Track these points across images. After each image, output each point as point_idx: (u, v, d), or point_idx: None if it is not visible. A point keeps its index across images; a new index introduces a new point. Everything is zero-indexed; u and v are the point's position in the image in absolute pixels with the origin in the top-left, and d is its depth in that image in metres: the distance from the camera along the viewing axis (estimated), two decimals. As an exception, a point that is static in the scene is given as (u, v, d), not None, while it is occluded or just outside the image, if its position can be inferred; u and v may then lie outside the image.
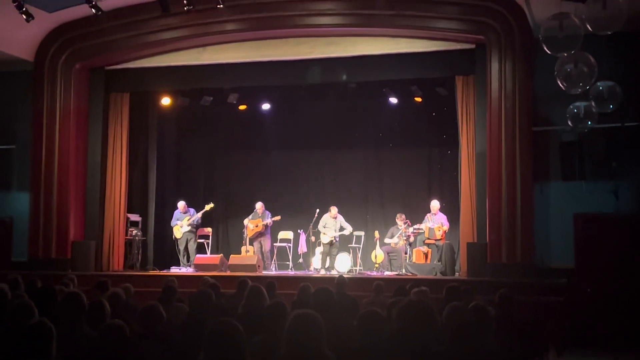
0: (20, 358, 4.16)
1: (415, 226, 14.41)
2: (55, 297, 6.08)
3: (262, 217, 15.25)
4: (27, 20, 12.12)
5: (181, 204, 15.65)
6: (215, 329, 3.94)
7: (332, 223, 14.82)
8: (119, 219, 15.04)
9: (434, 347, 4.08)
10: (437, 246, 14.00)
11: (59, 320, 4.93)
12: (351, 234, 15.21)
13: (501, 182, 12.55)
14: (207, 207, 15.60)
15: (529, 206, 12.44)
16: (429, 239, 14.15)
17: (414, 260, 14.11)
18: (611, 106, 9.39)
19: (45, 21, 13.83)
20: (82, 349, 4.85)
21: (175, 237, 15.51)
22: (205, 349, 3.91)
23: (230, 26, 14.01)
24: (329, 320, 4.46)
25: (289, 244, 15.87)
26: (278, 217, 15.24)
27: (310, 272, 14.77)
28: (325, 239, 14.68)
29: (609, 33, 8.08)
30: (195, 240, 15.61)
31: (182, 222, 15.39)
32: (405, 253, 14.32)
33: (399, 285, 8.86)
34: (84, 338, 5.12)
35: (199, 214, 15.52)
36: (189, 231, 15.39)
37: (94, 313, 5.56)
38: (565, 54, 8.54)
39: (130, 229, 15.29)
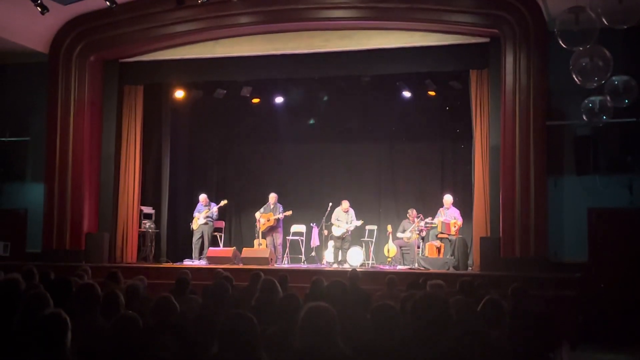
0: (35, 348, 4.18)
1: (428, 220, 14.38)
2: (71, 288, 6.10)
3: (274, 210, 15.26)
4: (42, 13, 12.15)
5: (202, 197, 15.76)
6: (229, 321, 3.95)
7: (343, 217, 14.82)
8: (132, 211, 15.09)
9: (447, 340, 4.07)
10: (449, 240, 13.97)
11: (74, 311, 4.95)
12: (363, 227, 15.22)
13: (515, 176, 12.48)
14: (222, 204, 15.66)
15: (542, 200, 12.37)
16: (441, 233, 14.11)
17: (426, 254, 14.08)
18: (626, 100, 9.34)
19: (59, 13, 13.88)
20: (96, 340, 4.87)
21: (192, 228, 15.58)
22: (219, 340, 3.93)
23: (244, 19, 14.00)
24: (342, 313, 4.46)
25: (302, 238, 15.88)
26: (289, 212, 15.24)
27: (322, 266, 14.76)
28: (337, 232, 14.69)
29: (625, 27, 8.03)
30: (211, 233, 15.65)
31: (201, 215, 15.45)
32: (418, 247, 14.30)
33: (412, 279, 8.87)
34: (98, 329, 5.15)
35: (215, 208, 15.57)
36: (205, 224, 15.43)
37: (108, 304, 5.58)
38: (581, 48, 8.49)
39: (143, 221, 15.35)
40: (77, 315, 4.96)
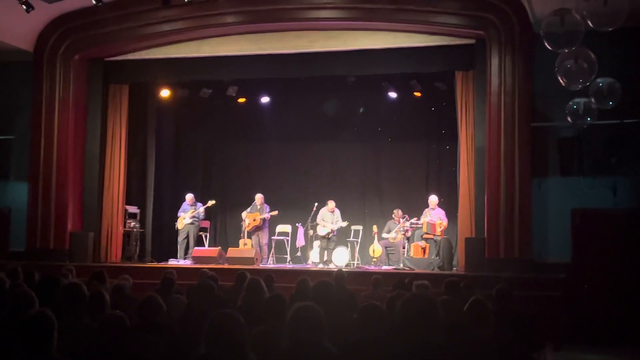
0: (21, 347, 4.15)
1: (413, 220, 14.41)
2: (58, 287, 6.07)
3: (261, 210, 15.24)
4: (27, 11, 12.08)
5: (189, 197, 15.70)
6: (216, 320, 3.95)
7: (329, 217, 14.84)
8: (117, 211, 15.03)
9: (434, 341, 4.09)
10: (435, 241, 14.00)
11: (60, 310, 4.93)
12: (349, 227, 15.24)
13: (500, 177, 12.53)
14: (209, 204, 15.61)
15: (527, 201, 12.43)
16: (427, 233, 14.15)
17: (411, 254, 14.11)
18: (611, 103, 9.40)
19: (44, 12, 13.77)
20: (82, 339, 4.85)
21: (177, 228, 15.54)
22: (205, 340, 3.92)
23: (229, 19, 13.99)
24: (329, 313, 4.47)
25: (287, 238, 15.85)
26: (275, 212, 15.21)
27: (308, 266, 14.76)
28: (322, 231, 14.70)
29: (610, 30, 8.08)
30: (197, 233, 15.61)
31: (186, 214, 15.41)
32: (403, 247, 14.33)
33: (397, 280, 8.87)
34: (84, 329, 5.13)
35: (202, 209, 15.53)
36: (190, 224, 15.39)
37: (94, 304, 5.56)
38: (566, 50, 8.54)
39: (128, 221, 15.26)
40: (63, 314, 4.94)
